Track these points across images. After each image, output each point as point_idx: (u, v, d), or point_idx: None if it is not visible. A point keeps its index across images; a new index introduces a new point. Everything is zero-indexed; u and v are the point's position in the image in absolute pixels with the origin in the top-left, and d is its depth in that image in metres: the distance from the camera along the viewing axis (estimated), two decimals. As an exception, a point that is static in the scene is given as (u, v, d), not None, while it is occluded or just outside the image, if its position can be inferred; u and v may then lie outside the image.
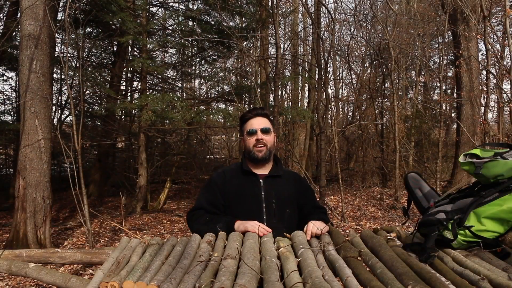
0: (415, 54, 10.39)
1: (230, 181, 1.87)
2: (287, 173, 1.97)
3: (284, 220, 1.80)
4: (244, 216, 1.66)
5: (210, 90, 11.57)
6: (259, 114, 1.88)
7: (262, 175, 1.88)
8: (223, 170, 1.94)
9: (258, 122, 1.86)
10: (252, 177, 1.86)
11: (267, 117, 1.90)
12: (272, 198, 1.81)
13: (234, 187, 1.85)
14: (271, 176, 1.88)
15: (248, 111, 1.92)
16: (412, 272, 1.09)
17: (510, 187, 1.31)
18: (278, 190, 1.85)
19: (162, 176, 11.72)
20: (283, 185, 1.89)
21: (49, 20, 4.97)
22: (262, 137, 1.83)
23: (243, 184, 1.85)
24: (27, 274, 1.46)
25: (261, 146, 1.84)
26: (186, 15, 8.81)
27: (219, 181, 1.87)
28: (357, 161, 12.47)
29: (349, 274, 1.11)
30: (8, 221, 7.51)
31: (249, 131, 1.85)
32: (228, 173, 1.91)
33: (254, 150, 1.84)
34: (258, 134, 1.84)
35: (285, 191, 1.87)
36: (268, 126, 1.87)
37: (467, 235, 1.32)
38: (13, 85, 12.22)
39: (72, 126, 4.67)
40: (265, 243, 1.39)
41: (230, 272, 1.12)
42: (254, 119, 1.87)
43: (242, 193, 1.83)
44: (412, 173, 1.72)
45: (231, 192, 1.83)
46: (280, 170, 1.92)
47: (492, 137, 6.99)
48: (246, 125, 1.88)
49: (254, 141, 1.84)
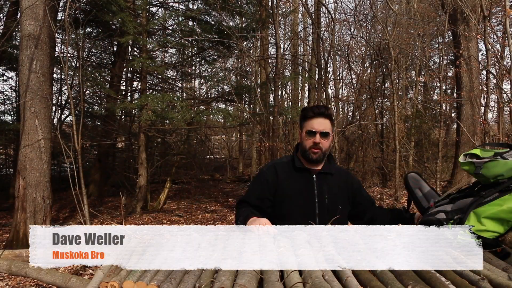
0: (415, 54, 10.39)
1: (282, 176, 1.86)
2: (338, 170, 1.97)
3: (336, 215, 1.79)
4: (297, 212, 1.67)
5: (210, 90, 11.56)
6: (322, 115, 1.82)
7: (315, 170, 1.87)
8: (273, 164, 1.93)
9: (319, 123, 1.81)
10: (305, 173, 1.86)
11: (330, 118, 1.84)
12: (325, 193, 1.81)
13: (286, 182, 1.84)
14: (323, 173, 1.87)
15: (312, 108, 1.86)
16: (412, 272, 1.09)
17: (510, 187, 1.31)
18: (330, 186, 1.86)
19: (162, 176, 11.71)
20: (335, 181, 1.88)
21: (49, 20, 4.97)
22: (320, 141, 1.80)
23: (295, 179, 1.85)
24: (27, 274, 1.46)
25: (317, 149, 1.82)
26: (186, 15, 8.80)
27: (270, 177, 1.86)
28: (357, 161, 12.46)
29: (349, 274, 1.11)
30: (8, 221, 7.51)
31: (309, 131, 1.81)
32: (280, 167, 1.89)
33: (310, 152, 1.82)
34: (316, 137, 1.80)
35: (337, 188, 1.87)
36: (328, 129, 1.82)
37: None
38: (13, 85, 12.22)
39: (72, 126, 4.67)
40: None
41: (230, 272, 1.12)
42: (315, 119, 1.81)
43: (295, 188, 1.83)
44: (412, 173, 1.72)
45: (284, 188, 1.83)
46: (332, 168, 1.91)
47: (492, 137, 6.98)
48: (307, 123, 1.83)
49: (311, 143, 1.81)
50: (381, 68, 12.12)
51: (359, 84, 12.84)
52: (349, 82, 14.56)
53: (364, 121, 11.45)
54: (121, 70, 10.47)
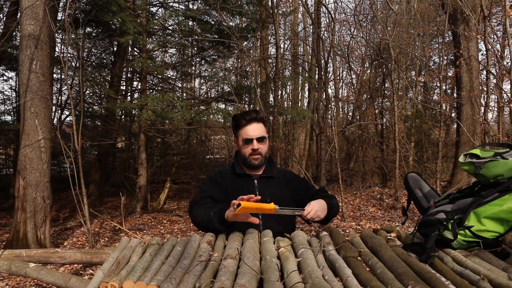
0: (415, 54, 10.39)
1: (226, 181, 1.87)
2: (279, 173, 1.97)
3: (280, 220, 1.79)
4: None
5: (210, 90, 11.57)
6: (254, 120, 1.83)
7: (256, 175, 1.89)
8: (219, 170, 1.95)
9: (254, 129, 1.82)
10: (247, 178, 1.88)
11: (262, 121, 1.86)
12: (267, 197, 1.80)
13: (230, 187, 1.85)
14: (264, 177, 1.89)
15: (243, 115, 1.85)
16: (412, 272, 1.09)
17: (510, 187, 1.31)
18: (272, 189, 1.86)
19: (162, 176, 11.71)
20: (277, 184, 1.89)
21: (49, 20, 4.97)
22: (258, 147, 1.82)
23: (237, 184, 1.86)
24: (27, 274, 1.46)
25: (257, 155, 1.83)
26: (186, 15, 8.81)
27: (218, 179, 1.88)
28: (357, 161, 12.46)
29: (349, 274, 1.11)
30: (8, 221, 7.51)
31: (245, 140, 1.83)
32: (224, 173, 1.91)
33: (250, 159, 1.84)
34: (254, 143, 1.82)
35: (279, 191, 1.87)
36: (263, 134, 1.84)
37: (467, 235, 1.32)
38: (13, 85, 12.23)
39: (72, 126, 4.67)
40: (265, 243, 1.39)
41: (230, 272, 1.12)
42: (249, 126, 1.82)
43: (237, 193, 1.82)
44: (412, 173, 1.72)
45: (228, 192, 1.83)
46: (273, 171, 1.92)
47: (492, 137, 6.98)
48: (241, 132, 1.85)
49: (250, 150, 1.83)
50: (381, 68, 12.12)
51: (359, 84, 12.85)
52: (349, 82, 14.58)
53: (364, 121, 11.45)
54: (121, 70, 10.47)
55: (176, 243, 1.45)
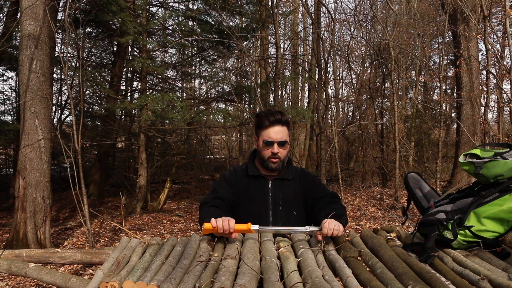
0: (415, 54, 10.39)
1: (240, 180, 1.86)
2: (295, 173, 1.92)
3: (290, 222, 1.78)
4: (250, 217, 1.65)
5: (210, 90, 11.56)
6: (278, 122, 1.78)
7: (271, 176, 1.86)
8: (234, 169, 1.93)
9: (277, 132, 1.77)
10: (261, 179, 1.85)
11: (286, 124, 1.80)
12: (279, 200, 1.79)
13: (243, 187, 1.84)
14: (279, 179, 1.86)
15: (267, 116, 1.79)
16: (412, 272, 1.09)
17: (510, 187, 1.31)
18: (285, 192, 1.84)
19: (162, 176, 11.72)
20: (291, 186, 1.86)
21: (49, 20, 4.97)
22: (278, 151, 1.78)
23: (251, 185, 1.84)
24: (27, 274, 1.45)
25: (276, 159, 1.80)
26: (186, 15, 8.81)
27: (232, 179, 1.86)
28: (357, 161, 12.47)
29: (349, 274, 1.11)
30: (8, 221, 7.51)
31: (266, 141, 1.78)
32: (239, 172, 1.89)
33: (269, 161, 1.81)
34: (274, 147, 1.77)
35: (292, 193, 1.85)
36: (285, 138, 1.80)
37: (467, 235, 1.32)
38: (13, 85, 12.25)
39: (72, 126, 4.67)
40: (265, 243, 1.39)
41: (230, 272, 1.12)
42: (272, 128, 1.77)
43: (250, 194, 1.82)
44: (412, 173, 1.72)
45: (240, 192, 1.82)
46: (290, 173, 1.88)
47: (492, 137, 6.99)
48: (263, 132, 1.80)
49: (269, 153, 1.79)
50: (381, 68, 12.12)
51: (359, 84, 12.85)
52: (349, 82, 14.58)
53: (364, 121, 11.45)
54: (121, 70, 10.47)
55: (176, 243, 1.45)
